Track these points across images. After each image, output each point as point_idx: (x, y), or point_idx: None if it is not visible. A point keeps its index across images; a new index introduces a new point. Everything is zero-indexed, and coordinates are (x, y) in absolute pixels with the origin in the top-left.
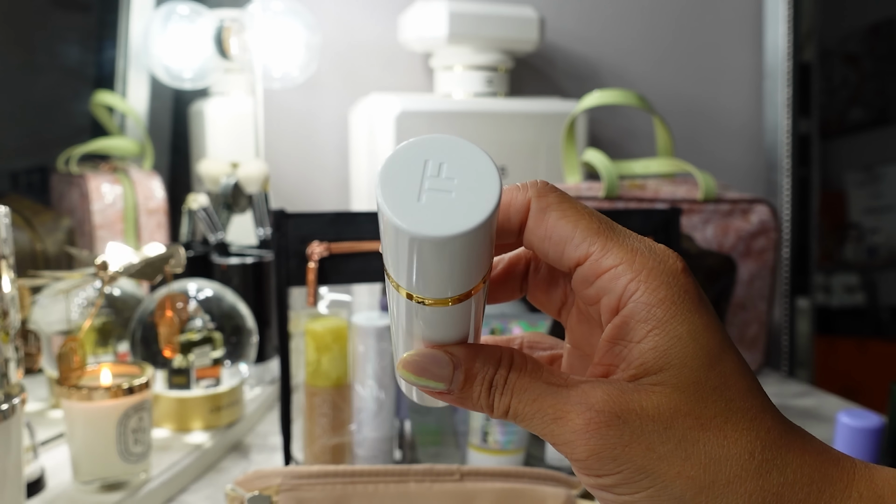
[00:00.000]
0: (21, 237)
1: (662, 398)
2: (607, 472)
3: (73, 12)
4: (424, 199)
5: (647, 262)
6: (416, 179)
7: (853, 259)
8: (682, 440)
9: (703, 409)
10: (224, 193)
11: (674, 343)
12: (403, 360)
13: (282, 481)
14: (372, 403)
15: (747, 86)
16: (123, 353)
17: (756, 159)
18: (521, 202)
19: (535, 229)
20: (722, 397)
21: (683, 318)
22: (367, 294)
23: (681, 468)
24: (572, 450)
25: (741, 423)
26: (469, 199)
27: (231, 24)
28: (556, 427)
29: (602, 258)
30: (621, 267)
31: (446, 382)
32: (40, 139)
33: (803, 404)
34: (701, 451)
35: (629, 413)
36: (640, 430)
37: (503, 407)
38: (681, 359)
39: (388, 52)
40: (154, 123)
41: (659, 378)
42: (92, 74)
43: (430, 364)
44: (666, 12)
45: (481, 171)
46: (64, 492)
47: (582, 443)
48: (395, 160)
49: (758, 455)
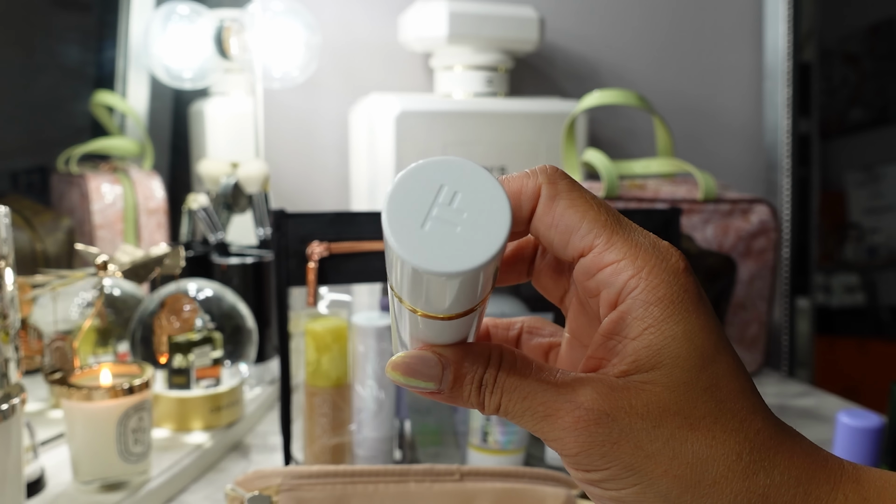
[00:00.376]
0: (21, 237)
1: (652, 397)
2: (596, 468)
3: (73, 12)
4: (429, 228)
5: (649, 259)
6: (426, 205)
7: (853, 259)
8: (671, 439)
9: (692, 409)
10: (224, 193)
11: (668, 342)
12: (392, 363)
13: (282, 481)
14: (372, 403)
15: (747, 85)
16: (123, 353)
17: (756, 159)
18: (531, 190)
19: (542, 217)
20: (712, 398)
21: (680, 318)
22: (367, 294)
23: (667, 466)
24: (562, 446)
25: (730, 424)
26: (475, 235)
27: (231, 24)
28: (547, 424)
29: (605, 252)
30: (623, 262)
31: (436, 382)
32: (40, 139)
33: (803, 404)
34: (688, 451)
35: (619, 411)
36: (629, 429)
37: (494, 405)
38: (673, 358)
39: (388, 52)
40: (154, 123)
41: (650, 376)
42: (92, 74)
43: (419, 365)
44: (666, 12)
45: (494, 206)
46: (64, 492)
47: (572, 440)
48: (408, 180)
49: (745, 456)
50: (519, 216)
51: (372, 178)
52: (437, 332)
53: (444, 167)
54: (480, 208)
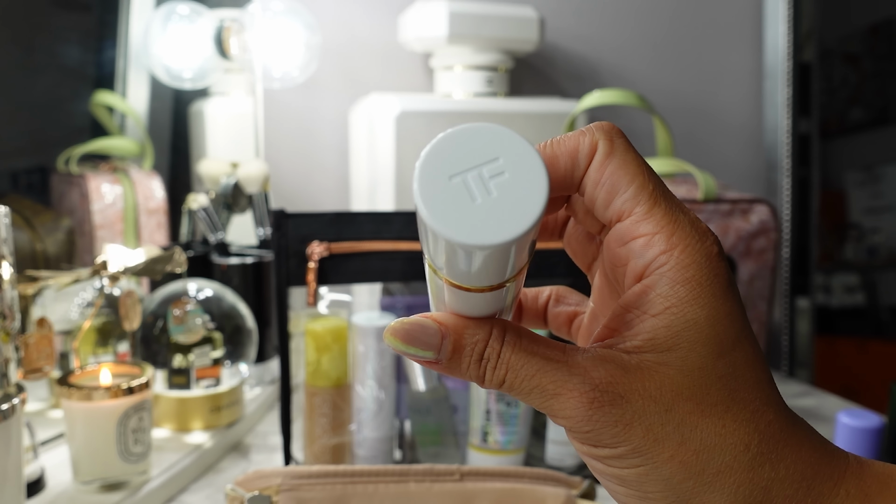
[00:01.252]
0: (21, 237)
1: (666, 379)
2: (603, 446)
3: (73, 12)
4: (461, 194)
5: (685, 237)
6: (460, 170)
7: (853, 259)
8: (681, 424)
9: (705, 396)
10: (224, 193)
11: (689, 326)
12: (391, 328)
13: (282, 481)
14: (372, 403)
15: (747, 85)
16: (123, 353)
17: (756, 159)
18: (588, 146)
19: (592, 173)
20: (726, 387)
21: (705, 303)
22: (367, 294)
23: (674, 452)
24: (571, 424)
25: (742, 414)
26: (511, 206)
27: (231, 24)
28: (556, 402)
29: (643, 221)
30: (658, 236)
31: (434, 351)
32: (40, 139)
33: (803, 404)
34: (697, 438)
35: (632, 393)
36: (641, 411)
37: (497, 380)
38: (691, 343)
39: (388, 52)
40: (154, 123)
41: (665, 357)
42: (92, 74)
43: (418, 332)
44: (666, 12)
45: (532, 177)
46: (64, 492)
47: (583, 419)
48: (443, 144)
49: (753, 448)
50: (575, 175)
51: (372, 178)
52: (463, 302)
53: (482, 133)
54: (517, 178)
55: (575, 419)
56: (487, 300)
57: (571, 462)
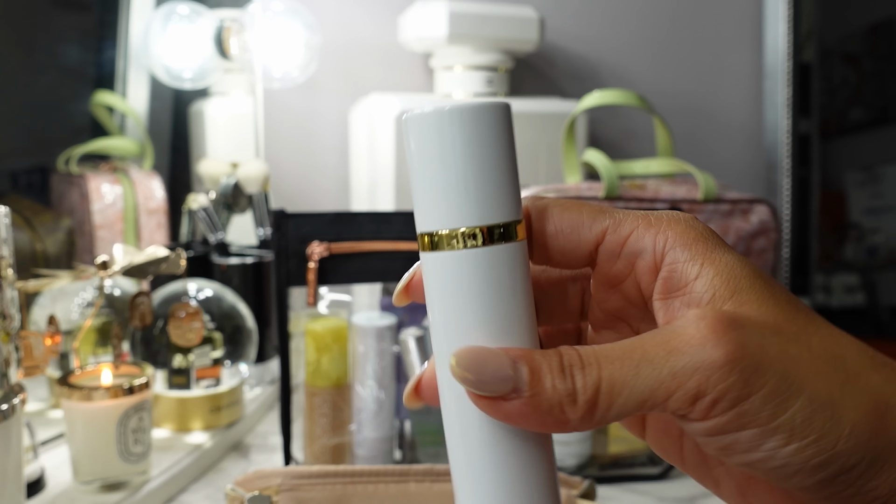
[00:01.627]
0: (21, 237)
1: (756, 309)
2: (753, 389)
3: (73, 12)
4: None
5: (661, 217)
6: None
7: (853, 259)
8: (796, 342)
9: (793, 316)
10: (224, 193)
11: (732, 266)
12: (457, 356)
13: (282, 481)
14: (372, 403)
15: (747, 85)
16: (124, 353)
17: (756, 159)
18: (534, 223)
19: (542, 231)
20: (797, 307)
21: (724, 249)
22: (367, 294)
23: (810, 367)
24: (706, 376)
25: (824, 329)
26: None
27: (231, 24)
28: (675, 359)
29: (619, 227)
30: (641, 227)
31: (507, 383)
32: (40, 139)
33: None
34: (818, 350)
35: (743, 319)
36: (761, 333)
37: (592, 383)
38: (748, 279)
39: (388, 52)
40: (154, 123)
41: (738, 299)
42: (92, 74)
43: (486, 363)
44: (666, 12)
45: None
46: (64, 492)
47: (716, 352)
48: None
49: (861, 352)
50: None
51: (372, 178)
52: (476, 292)
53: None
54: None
55: (704, 363)
56: (496, 278)
57: (571, 462)
